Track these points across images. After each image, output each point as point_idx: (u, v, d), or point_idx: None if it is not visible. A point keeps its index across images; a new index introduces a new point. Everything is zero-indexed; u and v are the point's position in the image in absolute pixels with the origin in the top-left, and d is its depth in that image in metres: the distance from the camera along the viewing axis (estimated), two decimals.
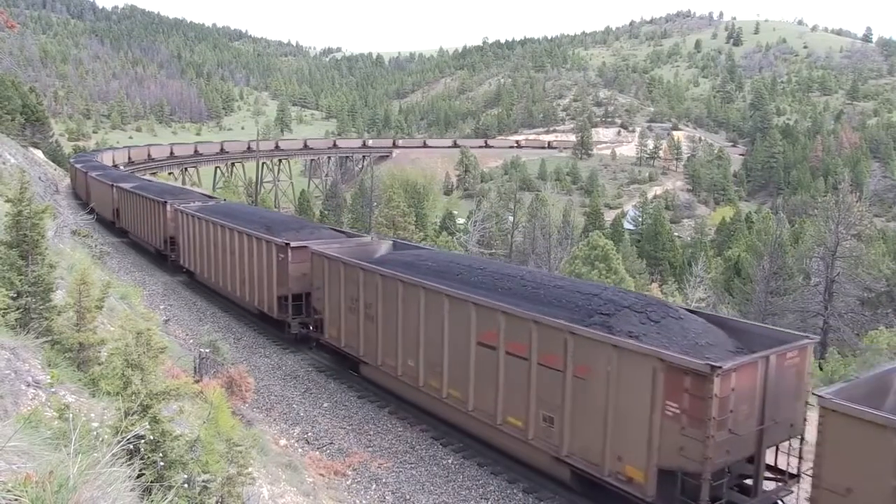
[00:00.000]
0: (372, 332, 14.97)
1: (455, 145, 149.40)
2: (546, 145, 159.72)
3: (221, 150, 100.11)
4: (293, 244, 18.20)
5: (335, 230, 22.38)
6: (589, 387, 10.04)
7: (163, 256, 29.16)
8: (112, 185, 36.52)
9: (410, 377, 13.94)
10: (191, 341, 18.53)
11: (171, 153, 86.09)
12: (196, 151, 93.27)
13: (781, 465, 10.24)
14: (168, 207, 27.61)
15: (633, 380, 9.40)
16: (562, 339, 10.37)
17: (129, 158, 73.28)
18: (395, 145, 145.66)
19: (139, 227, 32.12)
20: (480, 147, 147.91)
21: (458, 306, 12.37)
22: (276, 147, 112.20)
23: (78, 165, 49.96)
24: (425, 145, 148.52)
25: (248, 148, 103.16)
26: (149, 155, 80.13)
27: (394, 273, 14.20)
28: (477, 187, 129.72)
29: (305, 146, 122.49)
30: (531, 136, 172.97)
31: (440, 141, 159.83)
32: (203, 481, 5.38)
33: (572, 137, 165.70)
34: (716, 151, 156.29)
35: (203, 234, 23.78)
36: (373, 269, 14.88)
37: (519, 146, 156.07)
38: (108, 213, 37.41)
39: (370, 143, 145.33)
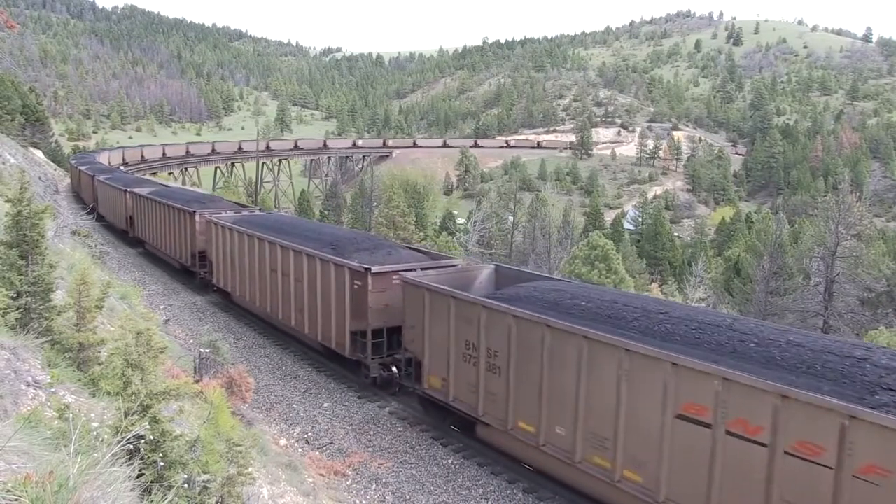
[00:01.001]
0: (499, 388, 11.82)
1: (445, 145, 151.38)
2: (536, 145, 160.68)
3: (213, 150, 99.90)
4: (374, 269, 15.01)
5: (414, 249, 18.83)
6: (885, 495, 7.31)
7: (189, 272, 26.05)
8: (125, 191, 33.49)
9: (560, 449, 10.91)
10: (191, 341, 18.52)
11: (164, 154, 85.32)
12: (188, 152, 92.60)
13: None
14: (197, 218, 24.43)
15: None
16: (833, 425, 7.50)
17: (124, 159, 71.84)
18: (384, 145, 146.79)
19: (159, 239, 28.87)
20: (471, 147, 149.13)
21: (646, 365, 9.45)
22: (268, 147, 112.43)
23: (83, 168, 47.40)
24: (415, 145, 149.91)
25: (240, 149, 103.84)
26: (142, 156, 79.13)
27: (537, 316, 11.06)
28: (477, 187, 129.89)
29: (296, 146, 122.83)
30: (530, 137, 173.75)
31: (430, 141, 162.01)
32: (203, 481, 5.39)
33: (563, 137, 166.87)
34: (716, 151, 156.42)
35: (245, 251, 20.61)
36: (503, 308, 11.63)
37: (508, 146, 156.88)
38: (119, 221, 34.88)
39: (360, 143, 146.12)
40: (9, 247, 7.88)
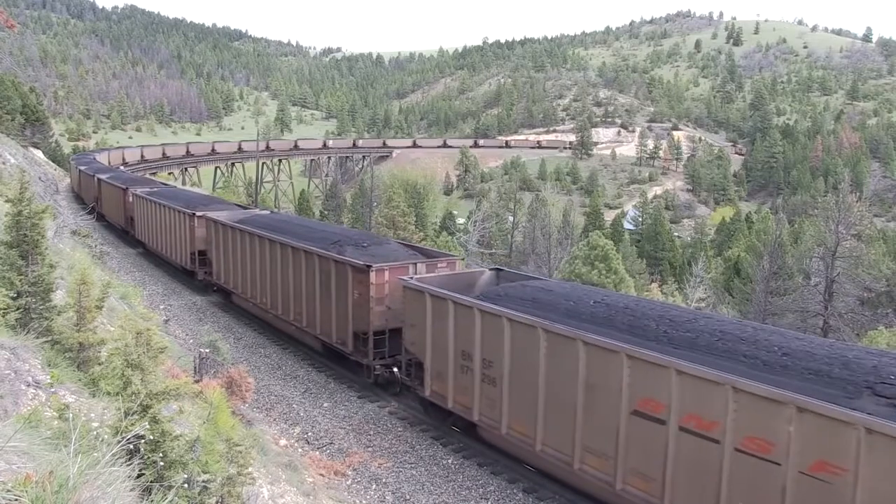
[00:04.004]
0: None
1: (415, 145, 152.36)
2: (504, 144, 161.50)
3: (187, 152, 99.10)
4: None
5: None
6: None
7: (344, 358, 16.74)
8: (193, 215, 24.56)
9: None
10: (191, 341, 18.53)
11: (142, 157, 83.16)
12: (164, 154, 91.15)
13: None
14: (375, 277, 15.01)
15: None
16: None
17: (109, 161, 69.12)
18: (354, 146, 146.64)
19: (272, 297, 19.39)
20: (440, 147, 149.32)
21: None
22: (239, 149, 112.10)
23: (104, 177, 39.70)
24: (385, 145, 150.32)
25: (213, 150, 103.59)
26: (123, 158, 77.01)
27: None
28: (477, 187, 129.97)
29: (268, 147, 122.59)
30: (499, 137, 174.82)
31: (401, 141, 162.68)
32: (203, 481, 5.39)
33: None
34: (716, 151, 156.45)
35: (529, 359, 11.13)
36: None
37: (477, 146, 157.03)
38: (177, 255, 26.27)
39: (330, 143, 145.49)
40: (9, 247, 7.88)
